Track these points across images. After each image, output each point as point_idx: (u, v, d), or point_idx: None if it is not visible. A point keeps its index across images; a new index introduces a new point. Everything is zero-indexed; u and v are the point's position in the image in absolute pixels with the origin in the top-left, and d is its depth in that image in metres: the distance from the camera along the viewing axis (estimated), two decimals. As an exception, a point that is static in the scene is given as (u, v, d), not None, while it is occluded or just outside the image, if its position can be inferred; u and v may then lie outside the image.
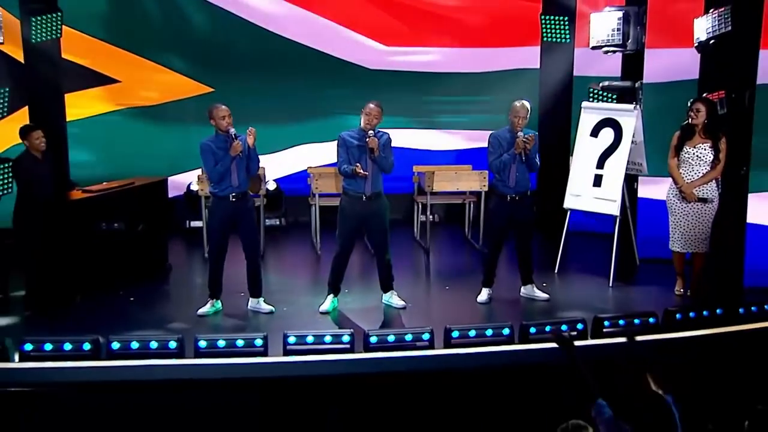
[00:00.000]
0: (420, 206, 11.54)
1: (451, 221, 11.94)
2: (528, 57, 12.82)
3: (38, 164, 9.29)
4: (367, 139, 8.51)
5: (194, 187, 11.77)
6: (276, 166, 12.51)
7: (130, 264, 9.96)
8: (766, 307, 8.36)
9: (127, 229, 10.01)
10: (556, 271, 10.00)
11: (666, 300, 9.23)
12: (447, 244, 11.69)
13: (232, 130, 8.46)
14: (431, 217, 11.55)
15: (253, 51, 12.51)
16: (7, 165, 10.01)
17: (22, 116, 10.32)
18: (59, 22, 10.58)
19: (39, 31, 10.21)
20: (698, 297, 9.25)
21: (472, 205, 11.86)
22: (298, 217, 12.40)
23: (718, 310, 8.14)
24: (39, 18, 10.22)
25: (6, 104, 9.99)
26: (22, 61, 10.41)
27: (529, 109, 9.06)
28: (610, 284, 9.70)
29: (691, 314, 8.04)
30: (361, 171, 8.66)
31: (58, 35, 10.70)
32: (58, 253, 9.15)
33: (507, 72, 13.02)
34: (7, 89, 10.09)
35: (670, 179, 9.55)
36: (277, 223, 12.42)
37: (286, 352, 7.41)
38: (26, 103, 10.53)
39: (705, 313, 8.12)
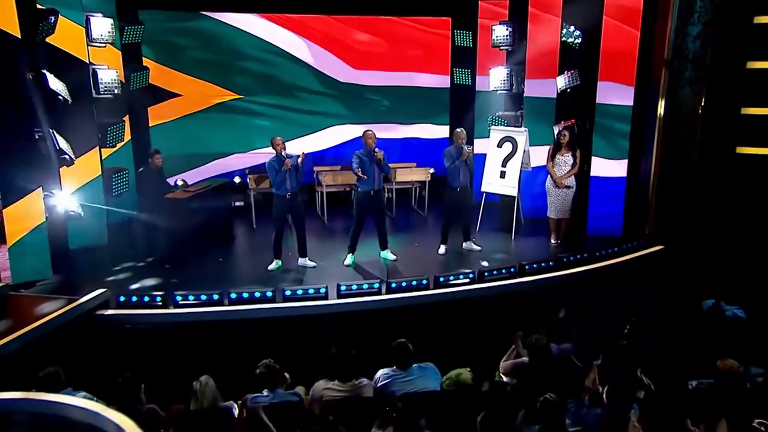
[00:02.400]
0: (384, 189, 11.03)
1: (399, 198, 11.97)
2: (442, 80, 12.89)
3: (154, 173, 9.56)
4: (375, 153, 8.82)
5: (236, 180, 11.75)
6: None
7: (213, 236, 10.05)
8: (610, 251, 9.12)
9: (210, 213, 9.92)
10: (477, 230, 10.21)
11: (547, 247, 10.08)
12: (403, 214, 11.71)
13: (284, 152, 8.71)
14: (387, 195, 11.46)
15: (265, 68, 12.16)
16: (125, 172, 9.93)
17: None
18: (148, 75, 10.58)
19: (136, 82, 10.31)
20: (565, 245, 9.91)
21: (417, 189, 12.00)
22: (302, 197, 12.05)
23: (585, 255, 8.85)
24: (136, 74, 10.27)
25: (123, 132, 9.81)
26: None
27: (465, 133, 9.51)
28: (513, 237, 10.22)
29: (571, 258, 8.75)
30: (362, 174, 8.93)
31: (147, 84, 10.68)
32: (176, 232, 9.26)
33: (428, 88, 13.06)
34: (124, 121, 9.93)
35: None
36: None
37: (340, 296, 7.80)
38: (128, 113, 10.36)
39: (579, 256, 8.81)
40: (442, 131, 13.06)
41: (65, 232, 8.86)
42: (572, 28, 10.00)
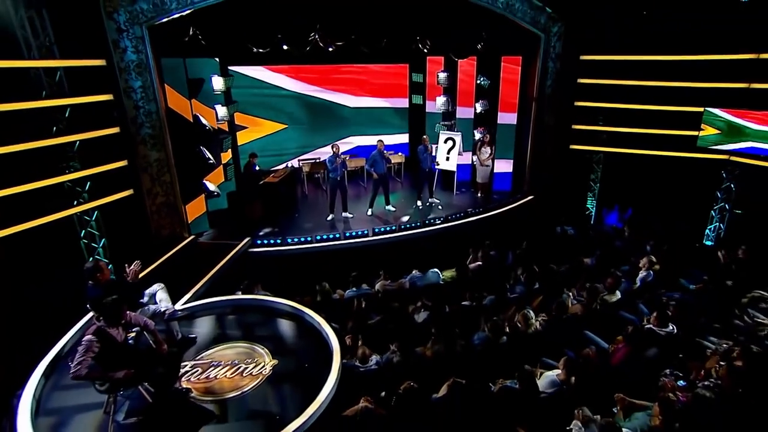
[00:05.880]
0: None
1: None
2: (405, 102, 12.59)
3: (253, 166, 9.52)
4: (384, 153, 9.32)
5: (289, 165, 11.22)
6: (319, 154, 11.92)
7: (290, 201, 10.20)
8: (508, 200, 10.01)
9: (286, 189, 10.05)
10: (433, 189, 10.23)
11: (473, 198, 10.65)
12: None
13: (337, 152, 8.93)
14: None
15: (299, 104, 11.70)
16: (231, 165, 9.60)
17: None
18: (236, 107, 9.78)
19: (231, 110, 9.41)
20: (486, 197, 10.54)
21: (395, 166, 11.84)
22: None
23: (493, 205, 9.76)
24: (230, 105, 9.26)
25: (230, 142, 9.53)
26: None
27: (426, 138, 9.83)
28: (454, 194, 10.77)
29: (490, 205, 9.59)
30: (374, 173, 9.29)
31: (236, 110, 9.91)
32: (267, 198, 9.50)
33: (397, 108, 12.70)
34: (230, 137, 9.56)
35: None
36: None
37: (374, 234, 8.57)
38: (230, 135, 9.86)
39: (493, 205, 9.70)
40: (402, 138, 12.86)
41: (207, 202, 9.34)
42: (482, 77, 10.74)
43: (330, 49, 9.64)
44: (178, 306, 5.93)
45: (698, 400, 3.98)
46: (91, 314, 5.52)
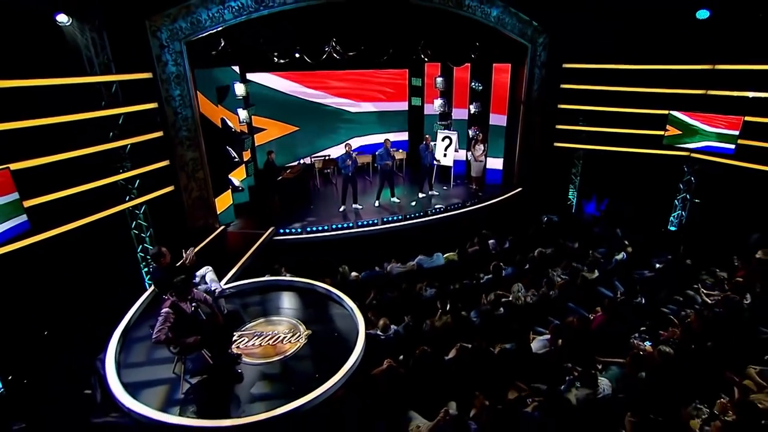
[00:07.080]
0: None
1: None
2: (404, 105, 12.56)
3: (271, 162, 9.59)
4: (391, 151, 9.57)
5: (302, 162, 11.34)
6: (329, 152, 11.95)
7: (305, 194, 10.24)
8: (498, 192, 10.23)
9: (301, 183, 9.96)
10: (432, 182, 10.42)
11: (467, 190, 10.73)
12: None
13: (348, 151, 9.13)
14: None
15: (309, 110, 11.65)
16: (252, 162, 10.12)
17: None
18: (253, 111, 10.36)
19: (250, 113, 10.14)
20: (479, 189, 10.62)
21: (397, 162, 11.43)
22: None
23: (483, 196, 10.07)
24: (249, 108, 10.01)
25: (251, 143, 10.14)
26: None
27: (429, 137, 10.10)
28: (451, 185, 10.90)
29: (483, 196, 9.92)
30: (389, 163, 9.30)
31: (253, 112, 10.29)
32: (284, 192, 9.64)
33: (396, 111, 12.61)
34: (250, 136, 9.84)
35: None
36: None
37: (383, 223, 8.79)
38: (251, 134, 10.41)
39: (487, 196, 10.00)
40: (402, 136, 12.81)
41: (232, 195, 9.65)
42: (476, 81, 11.06)
43: (338, 58, 9.99)
44: (224, 285, 6.38)
45: (660, 354, 4.64)
46: (151, 289, 6.11)
